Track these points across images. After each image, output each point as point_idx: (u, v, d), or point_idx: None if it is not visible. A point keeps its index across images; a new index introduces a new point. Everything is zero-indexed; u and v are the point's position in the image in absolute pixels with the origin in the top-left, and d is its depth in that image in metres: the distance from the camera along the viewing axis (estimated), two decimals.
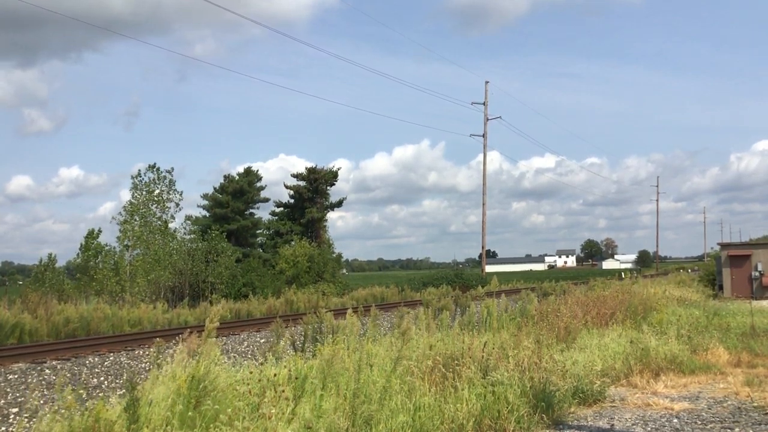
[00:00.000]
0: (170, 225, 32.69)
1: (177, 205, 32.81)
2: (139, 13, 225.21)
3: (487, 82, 45.04)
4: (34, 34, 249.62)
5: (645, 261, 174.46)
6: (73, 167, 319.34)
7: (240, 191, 53.33)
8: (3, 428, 8.94)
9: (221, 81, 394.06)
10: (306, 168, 53.72)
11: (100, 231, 30.10)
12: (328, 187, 54.04)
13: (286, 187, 54.23)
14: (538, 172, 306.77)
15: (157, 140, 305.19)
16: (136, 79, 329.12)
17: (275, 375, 6.34)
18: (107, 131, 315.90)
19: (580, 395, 8.47)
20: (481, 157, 45.09)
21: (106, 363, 13.11)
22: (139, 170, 32.48)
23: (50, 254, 28.00)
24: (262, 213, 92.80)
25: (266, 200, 55.96)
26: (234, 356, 13.24)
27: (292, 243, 43.61)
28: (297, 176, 53.79)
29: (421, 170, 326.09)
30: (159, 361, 6.17)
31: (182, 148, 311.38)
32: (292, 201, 54.27)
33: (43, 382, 11.36)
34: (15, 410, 9.78)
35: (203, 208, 53.69)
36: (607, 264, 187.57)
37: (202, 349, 5.70)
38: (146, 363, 13.21)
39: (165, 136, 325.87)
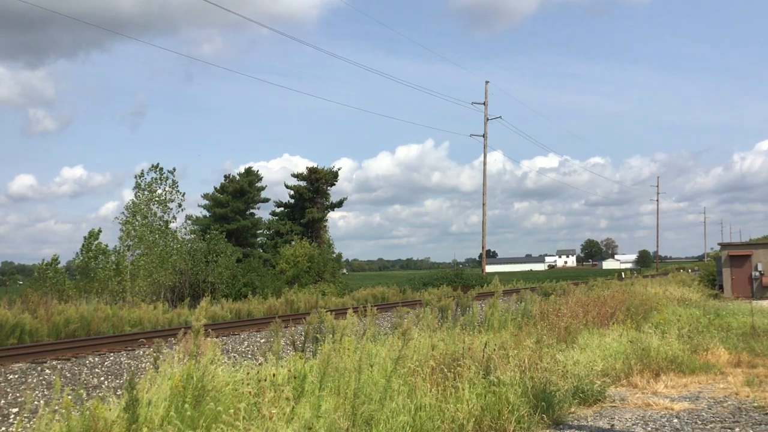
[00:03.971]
0: (171, 225, 32.64)
1: (179, 205, 32.76)
2: (148, 13, 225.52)
3: (487, 82, 45.00)
4: (42, 34, 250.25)
5: (645, 261, 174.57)
6: (76, 167, 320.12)
7: (240, 191, 53.33)
8: (3, 428, 8.94)
9: (226, 81, 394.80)
10: (307, 168, 53.73)
11: (100, 231, 29.98)
12: (329, 187, 54.05)
13: (287, 187, 54.23)
14: (541, 172, 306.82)
15: (161, 140, 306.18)
16: (143, 80, 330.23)
17: (274, 375, 6.33)
18: (112, 131, 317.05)
19: (581, 395, 8.47)
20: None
21: (106, 363, 13.10)
22: (143, 170, 32.36)
23: (54, 255, 27.88)
24: (263, 213, 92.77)
25: (266, 200, 55.97)
26: (234, 356, 13.22)
27: (293, 243, 43.61)
28: (298, 176, 53.78)
29: (424, 170, 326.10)
30: (157, 361, 6.16)
31: (186, 148, 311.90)
32: (292, 201, 54.28)
33: (44, 382, 11.36)
34: (15, 410, 9.78)
35: (204, 208, 53.75)
36: (608, 264, 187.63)
37: (193, 348, 5.68)
38: (146, 363, 13.21)
39: (169, 136, 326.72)
